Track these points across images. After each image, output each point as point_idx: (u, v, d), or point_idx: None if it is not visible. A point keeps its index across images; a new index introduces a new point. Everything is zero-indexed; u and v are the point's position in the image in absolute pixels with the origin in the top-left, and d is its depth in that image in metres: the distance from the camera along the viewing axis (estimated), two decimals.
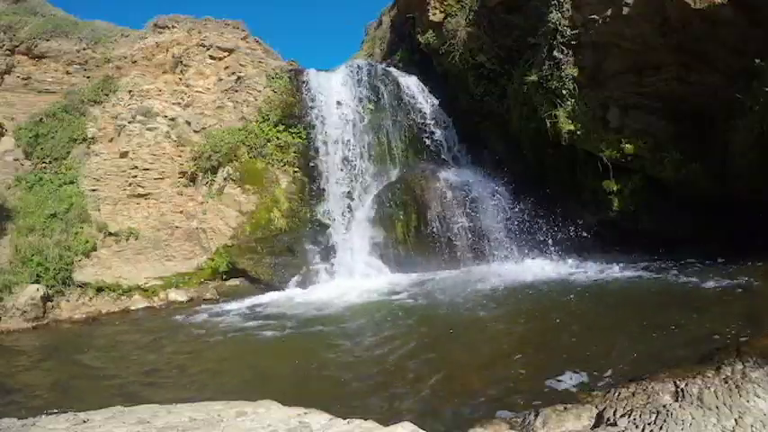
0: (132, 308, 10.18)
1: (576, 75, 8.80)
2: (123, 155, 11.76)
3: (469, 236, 10.22)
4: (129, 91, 12.52)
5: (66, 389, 5.83)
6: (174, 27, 13.25)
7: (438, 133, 12.04)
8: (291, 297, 9.65)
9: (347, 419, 2.85)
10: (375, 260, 10.71)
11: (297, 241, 11.08)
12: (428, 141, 11.98)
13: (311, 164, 11.73)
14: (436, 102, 12.39)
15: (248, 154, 11.76)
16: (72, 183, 11.57)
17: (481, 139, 11.94)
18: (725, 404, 2.73)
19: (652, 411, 2.81)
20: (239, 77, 12.59)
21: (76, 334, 8.80)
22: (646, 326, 5.41)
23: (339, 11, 64.06)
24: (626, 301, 6.63)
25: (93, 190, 11.53)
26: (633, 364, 4.39)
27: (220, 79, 12.80)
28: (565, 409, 3.30)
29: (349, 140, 11.80)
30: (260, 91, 12.36)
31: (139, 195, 11.64)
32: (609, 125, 8.79)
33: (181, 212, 11.66)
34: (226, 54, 12.91)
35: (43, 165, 11.90)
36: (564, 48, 8.76)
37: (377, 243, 10.89)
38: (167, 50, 13.02)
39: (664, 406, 2.85)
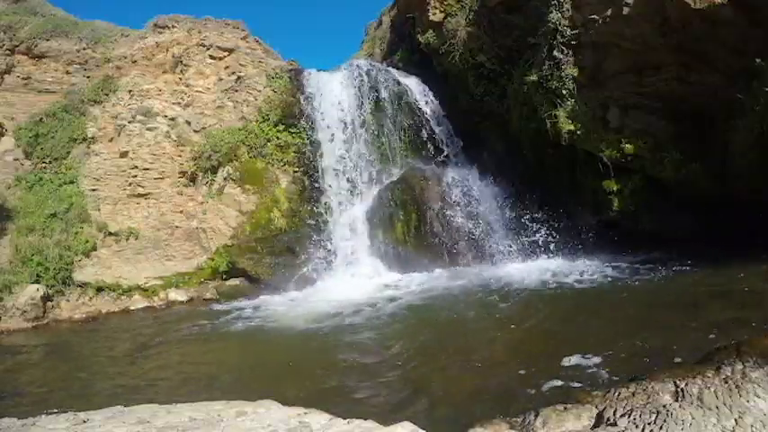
0: (132, 308, 10.18)
1: (576, 75, 8.80)
2: (123, 155, 11.76)
3: (469, 236, 10.22)
4: (129, 91, 12.51)
5: (67, 389, 5.83)
6: (174, 27, 13.25)
7: (438, 133, 12.04)
8: (291, 297, 9.65)
9: (347, 419, 2.85)
10: (375, 260, 10.71)
11: (297, 241, 11.07)
12: (428, 141, 11.97)
13: (311, 164, 11.73)
14: (436, 102, 12.38)
15: (248, 154, 11.75)
16: (72, 182, 11.56)
17: (481, 139, 11.94)
18: (725, 404, 2.73)
19: (652, 411, 2.81)
20: (239, 77, 12.59)
21: (76, 334, 8.80)
22: (645, 326, 5.41)
23: (339, 11, 64.06)
24: (626, 301, 6.63)
25: (93, 190, 11.52)
26: (633, 364, 4.39)
27: (220, 79, 12.79)
28: (565, 409, 3.29)
29: (349, 140, 11.80)
30: (260, 91, 12.35)
31: (139, 195, 11.64)
32: (609, 125, 8.79)
33: (181, 212, 11.66)
34: (226, 54, 12.90)
35: (43, 165, 11.90)
36: (564, 48, 8.76)
37: (377, 243, 10.89)
38: (167, 50, 13.01)
39: (664, 406, 2.85)
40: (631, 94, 8.54)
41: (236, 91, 12.51)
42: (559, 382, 4.30)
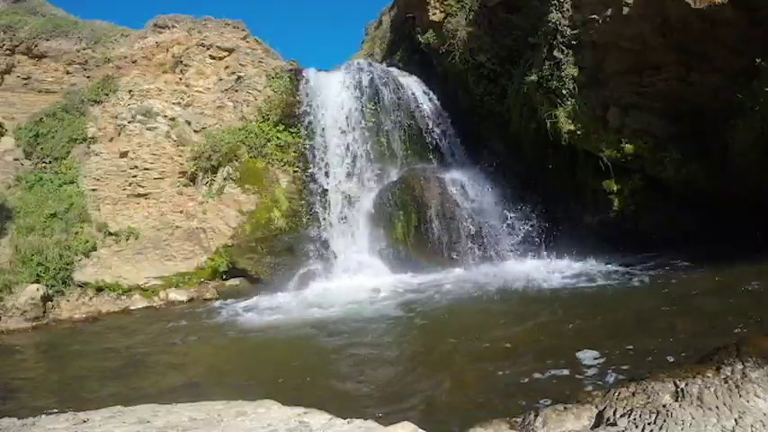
0: (132, 308, 10.18)
1: (575, 75, 8.80)
2: (123, 154, 11.76)
3: (469, 236, 10.22)
4: (129, 91, 12.51)
5: (66, 389, 5.82)
6: (174, 27, 13.24)
7: (438, 133, 12.04)
8: (291, 297, 9.64)
9: (347, 419, 2.84)
10: (375, 260, 10.71)
11: (297, 241, 11.07)
12: (428, 141, 11.97)
13: (311, 163, 11.73)
14: (436, 102, 12.38)
15: (248, 154, 11.75)
16: (72, 182, 11.56)
17: (481, 139, 11.94)
18: (725, 404, 2.73)
19: (652, 411, 2.81)
20: (239, 77, 12.59)
21: (76, 334, 8.80)
22: (646, 326, 5.41)
23: (339, 11, 64.11)
24: (626, 301, 6.63)
25: (94, 190, 11.52)
26: (633, 364, 4.39)
27: (220, 79, 12.79)
28: (565, 409, 3.29)
29: (349, 140, 11.80)
30: (260, 91, 12.35)
31: (139, 195, 11.64)
32: (609, 125, 8.79)
33: (181, 212, 11.66)
34: (226, 54, 12.90)
35: (43, 164, 11.90)
36: (564, 48, 8.76)
37: (377, 243, 10.89)
38: (167, 50, 13.01)
39: (664, 406, 2.85)
40: (631, 94, 8.54)
41: (236, 91, 12.51)
42: (560, 382, 4.30)
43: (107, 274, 10.63)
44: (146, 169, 11.73)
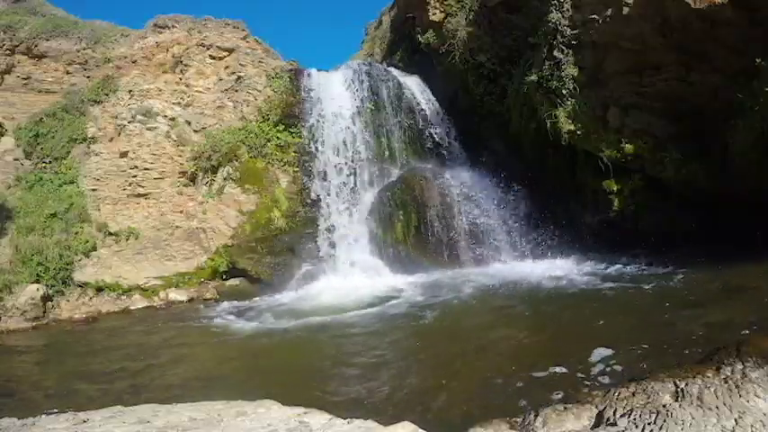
0: (132, 308, 10.17)
1: (575, 75, 8.80)
2: (123, 154, 11.76)
3: (469, 236, 10.22)
4: (129, 91, 12.51)
5: (67, 389, 5.82)
6: (174, 27, 13.24)
7: (438, 133, 12.04)
8: (291, 297, 9.65)
9: (347, 419, 2.84)
10: (375, 260, 10.71)
11: (297, 241, 11.07)
12: (428, 141, 11.98)
13: (311, 163, 11.73)
14: (436, 102, 12.38)
15: (248, 154, 11.75)
16: (72, 182, 11.56)
17: (481, 139, 11.94)
18: (725, 404, 2.73)
19: (652, 411, 2.81)
20: (239, 77, 12.59)
21: (76, 334, 8.79)
22: (646, 326, 5.42)
23: (339, 11, 64.16)
24: (626, 301, 6.63)
25: (94, 190, 11.52)
26: (633, 364, 4.39)
27: (220, 79, 12.79)
28: (565, 408, 3.30)
29: (349, 140, 11.79)
30: (260, 91, 12.35)
31: (139, 195, 11.63)
32: (609, 125, 8.79)
33: (181, 212, 11.65)
34: (226, 54, 12.90)
35: (43, 164, 11.90)
36: (564, 48, 8.77)
37: (377, 243, 10.89)
38: (167, 50, 13.01)
39: (664, 406, 2.85)
40: (631, 94, 8.54)
41: (236, 91, 12.51)
42: (560, 382, 4.29)
43: (107, 274, 10.62)
44: (146, 169, 11.72)
